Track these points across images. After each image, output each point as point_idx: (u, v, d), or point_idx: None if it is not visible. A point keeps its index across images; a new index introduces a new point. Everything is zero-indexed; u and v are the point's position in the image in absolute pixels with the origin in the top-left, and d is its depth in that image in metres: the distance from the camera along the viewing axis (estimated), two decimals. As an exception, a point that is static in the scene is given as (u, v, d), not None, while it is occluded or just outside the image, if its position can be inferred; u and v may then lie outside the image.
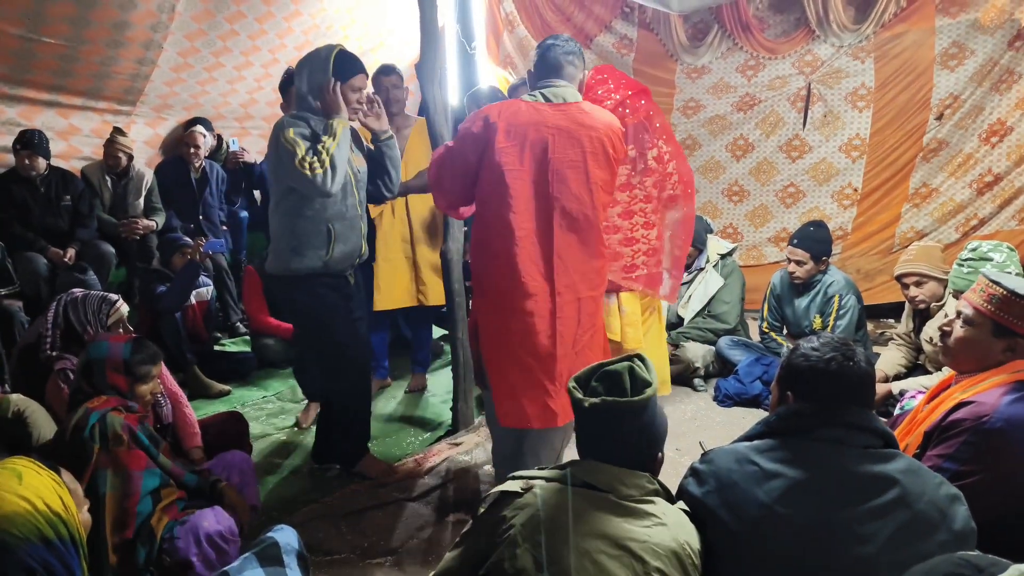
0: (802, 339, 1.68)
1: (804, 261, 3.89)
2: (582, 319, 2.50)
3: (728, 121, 5.66)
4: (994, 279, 1.99)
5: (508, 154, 2.41)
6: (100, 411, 2.14)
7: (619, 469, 1.56)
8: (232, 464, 2.59)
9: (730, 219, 5.81)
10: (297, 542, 1.98)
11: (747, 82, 5.55)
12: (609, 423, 1.59)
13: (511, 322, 2.45)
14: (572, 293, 2.47)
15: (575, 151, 2.45)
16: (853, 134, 5.30)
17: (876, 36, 5.09)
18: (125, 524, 2.10)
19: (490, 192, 2.46)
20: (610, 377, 1.61)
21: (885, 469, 1.50)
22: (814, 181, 5.48)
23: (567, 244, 2.47)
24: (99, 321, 2.76)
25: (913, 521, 1.46)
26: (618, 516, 1.49)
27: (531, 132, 2.42)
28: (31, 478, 1.36)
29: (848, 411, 1.56)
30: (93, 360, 2.28)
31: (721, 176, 5.76)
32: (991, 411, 1.82)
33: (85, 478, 2.05)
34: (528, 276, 2.42)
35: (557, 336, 2.44)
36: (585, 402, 1.58)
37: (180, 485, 2.31)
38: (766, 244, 5.69)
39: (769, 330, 4.17)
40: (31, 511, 1.31)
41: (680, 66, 5.73)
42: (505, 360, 2.50)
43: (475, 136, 2.46)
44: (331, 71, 2.84)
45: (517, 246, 2.42)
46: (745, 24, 5.39)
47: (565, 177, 2.44)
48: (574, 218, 2.47)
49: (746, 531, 1.50)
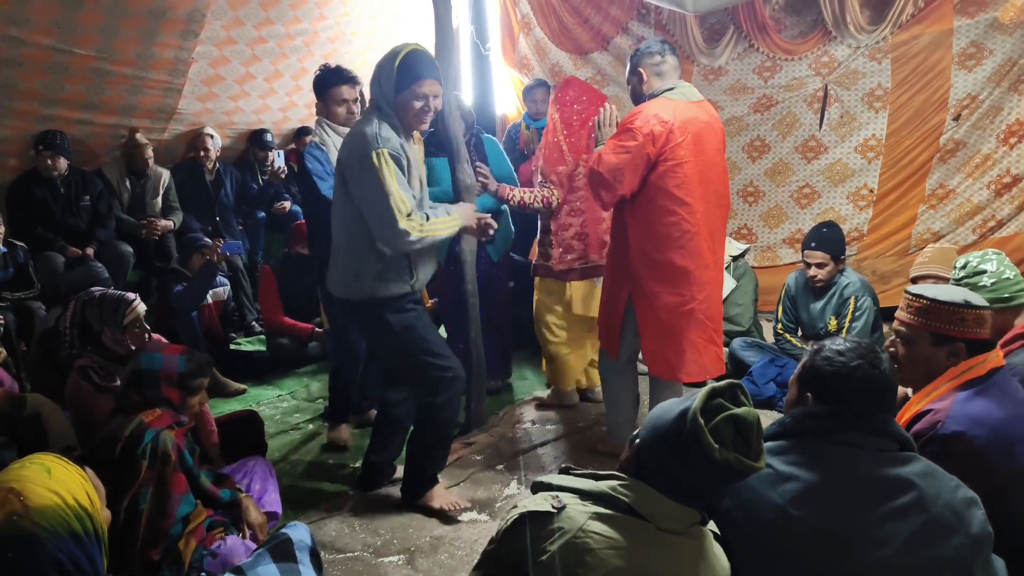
0: (827, 340, 1.66)
1: (825, 263, 3.85)
2: None
3: (745, 122, 5.64)
4: (915, 293, 2.04)
5: (685, 147, 2.78)
6: (155, 428, 2.11)
7: (667, 500, 1.42)
8: (254, 471, 2.60)
9: (745, 220, 5.79)
10: (310, 539, 1.99)
11: (764, 83, 5.52)
12: (716, 476, 1.40)
13: (696, 292, 2.86)
14: (720, 265, 3.00)
15: (716, 141, 2.91)
16: (869, 135, 5.26)
17: (893, 37, 5.05)
18: (155, 544, 2.08)
19: (666, 183, 2.80)
20: (736, 424, 1.39)
21: (902, 472, 1.49)
22: (829, 182, 5.45)
23: (719, 222, 2.96)
24: (115, 321, 2.72)
25: (929, 524, 1.45)
26: (658, 552, 1.39)
27: (692, 126, 2.80)
28: (60, 472, 1.37)
29: (868, 416, 1.55)
30: (145, 371, 2.23)
31: (736, 177, 5.74)
32: (944, 416, 1.84)
33: (130, 493, 2.04)
34: (707, 252, 2.88)
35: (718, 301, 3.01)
36: (716, 453, 1.35)
37: (216, 503, 2.29)
38: (781, 245, 5.67)
39: (784, 331, 4.15)
40: (61, 505, 1.33)
41: (697, 67, 5.72)
42: (688, 326, 2.88)
43: (655, 134, 2.75)
44: (396, 77, 2.55)
45: (696, 227, 2.83)
46: (761, 25, 5.36)
47: (715, 163, 2.90)
48: (720, 198, 2.95)
49: (760, 533, 1.50)
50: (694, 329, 2.89)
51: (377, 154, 2.46)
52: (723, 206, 2.98)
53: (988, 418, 1.83)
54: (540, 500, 1.45)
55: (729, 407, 1.40)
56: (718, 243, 2.96)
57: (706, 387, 1.45)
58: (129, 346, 2.71)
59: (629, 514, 1.41)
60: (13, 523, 1.29)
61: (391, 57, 2.57)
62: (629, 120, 2.81)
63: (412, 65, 2.54)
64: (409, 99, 2.55)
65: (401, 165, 2.53)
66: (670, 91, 2.86)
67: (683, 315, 2.87)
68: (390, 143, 2.51)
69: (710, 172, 2.86)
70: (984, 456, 1.78)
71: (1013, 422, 1.85)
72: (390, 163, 2.48)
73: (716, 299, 2.97)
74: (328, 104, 3.33)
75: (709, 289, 2.90)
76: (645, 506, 1.41)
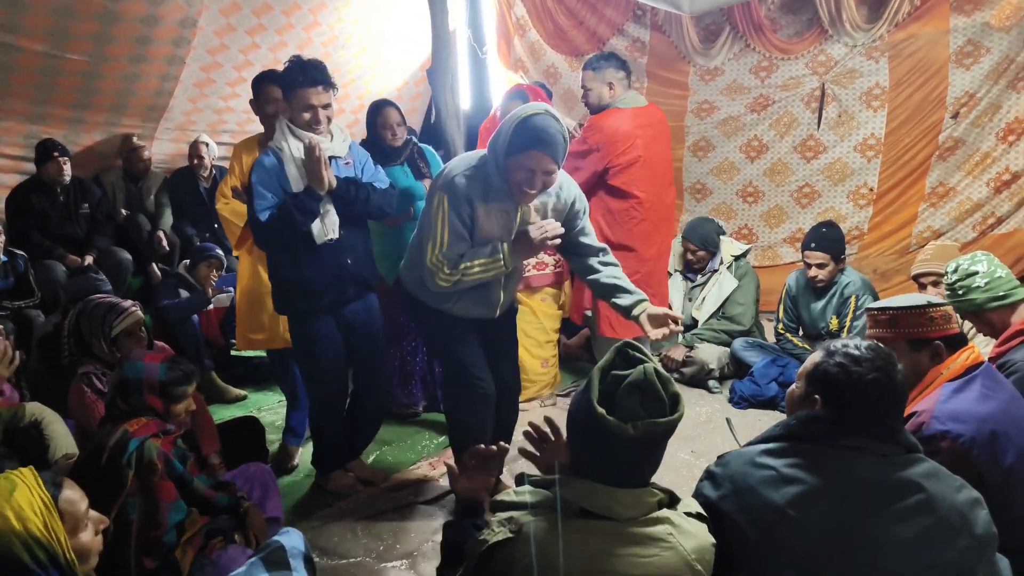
0: (840, 341, 1.61)
1: (825, 263, 3.85)
2: None
3: (742, 122, 5.64)
4: (877, 307, 2.07)
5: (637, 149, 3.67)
6: (139, 438, 2.10)
7: (615, 489, 1.40)
8: (254, 477, 2.58)
9: (745, 220, 5.79)
10: (303, 545, 1.98)
11: (760, 83, 5.52)
12: (650, 446, 1.41)
13: (638, 266, 3.69)
14: (665, 245, 4.10)
15: (664, 143, 3.88)
16: (868, 134, 5.26)
17: (890, 35, 5.05)
18: (149, 553, 2.07)
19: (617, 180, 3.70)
20: (640, 389, 1.39)
21: (908, 474, 1.48)
22: (829, 181, 5.44)
23: (667, 209, 4.01)
24: (103, 331, 2.68)
25: (936, 526, 1.44)
26: (622, 550, 1.36)
27: (643, 132, 3.69)
28: (22, 494, 1.34)
29: (878, 424, 1.52)
30: (129, 380, 2.22)
31: (736, 177, 5.73)
32: (928, 417, 1.87)
33: (118, 503, 2.03)
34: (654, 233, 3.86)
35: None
36: (629, 430, 1.35)
37: (212, 508, 2.27)
38: (781, 245, 5.66)
39: (785, 331, 4.14)
40: (7, 531, 1.30)
41: (693, 68, 5.71)
42: None
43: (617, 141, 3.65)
44: (509, 139, 2.39)
45: (644, 214, 3.76)
46: (757, 25, 5.36)
47: (661, 159, 3.89)
48: (667, 187, 4.01)
49: (763, 536, 1.48)
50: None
51: (439, 197, 2.49)
52: (670, 194, 4.00)
53: (970, 414, 1.84)
54: (497, 527, 1.42)
55: (624, 375, 1.39)
56: (664, 225, 3.96)
57: (595, 369, 1.45)
58: (117, 355, 2.68)
59: (584, 517, 1.39)
60: None
61: (515, 117, 2.41)
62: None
63: (527, 132, 2.37)
64: (514, 166, 2.41)
65: (463, 218, 2.49)
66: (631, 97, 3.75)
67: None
68: (458, 193, 2.47)
69: (657, 167, 3.77)
70: (968, 453, 1.78)
71: (999, 416, 1.86)
72: (446, 209, 2.47)
73: (659, 272, 4.01)
74: (292, 106, 2.76)
75: (651, 264, 3.84)
76: (597, 503, 1.39)
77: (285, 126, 2.79)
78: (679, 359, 4.23)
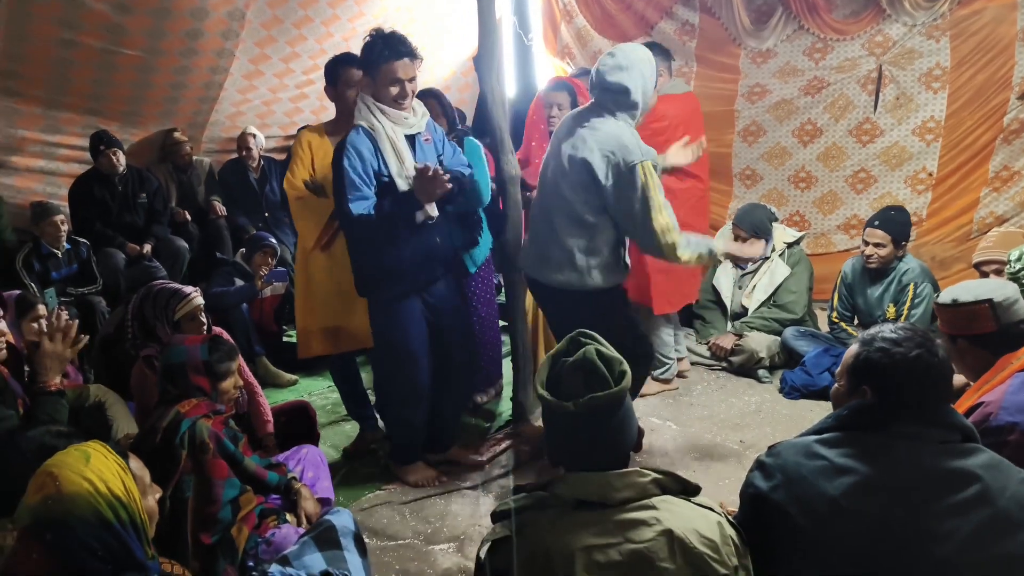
0: (874, 329, 1.59)
1: (884, 243, 3.73)
2: None
3: (795, 106, 5.50)
4: (939, 303, 2.08)
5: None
6: (191, 419, 2.18)
7: (607, 473, 1.44)
8: (307, 459, 2.64)
9: (797, 206, 5.66)
10: (353, 524, 2.02)
11: (815, 65, 5.37)
12: (599, 421, 1.46)
13: None
14: None
15: (692, 131, 3.50)
16: (927, 116, 5.08)
17: (952, 13, 4.86)
18: (206, 529, 2.15)
19: None
20: (583, 369, 1.46)
21: (965, 464, 1.44)
22: (886, 166, 5.28)
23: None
24: (166, 315, 2.76)
25: (994, 519, 1.40)
26: (618, 536, 1.38)
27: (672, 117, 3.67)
28: (98, 461, 1.40)
29: (927, 406, 1.50)
30: (173, 364, 2.30)
31: (787, 162, 5.60)
32: (996, 408, 1.82)
33: (173, 482, 2.11)
34: None
35: None
36: (569, 407, 1.42)
37: (264, 486, 2.34)
38: (835, 232, 5.52)
39: (839, 320, 4.04)
40: (92, 492, 1.36)
41: (744, 51, 5.59)
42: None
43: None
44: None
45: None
46: (811, 5, 5.21)
47: None
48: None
49: (815, 527, 1.46)
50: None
51: (643, 166, 2.52)
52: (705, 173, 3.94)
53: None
54: (500, 529, 1.47)
55: (570, 359, 1.48)
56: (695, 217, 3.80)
57: (547, 355, 1.55)
58: None
59: (580, 509, 1.42)
60: (48, 506, 1.33)
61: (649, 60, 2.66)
62: None
63: None
64: None
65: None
66: None
67: None
68: (651, 153, 2.54)
69: None
70: None
71: None
72: (654, 176, 2.52)
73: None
74: (377, 81, 2.65)
75: None
76: (588, 489, 1.42)
77: (371, 103, 2.68)
78: (728, 347, 4.16)
